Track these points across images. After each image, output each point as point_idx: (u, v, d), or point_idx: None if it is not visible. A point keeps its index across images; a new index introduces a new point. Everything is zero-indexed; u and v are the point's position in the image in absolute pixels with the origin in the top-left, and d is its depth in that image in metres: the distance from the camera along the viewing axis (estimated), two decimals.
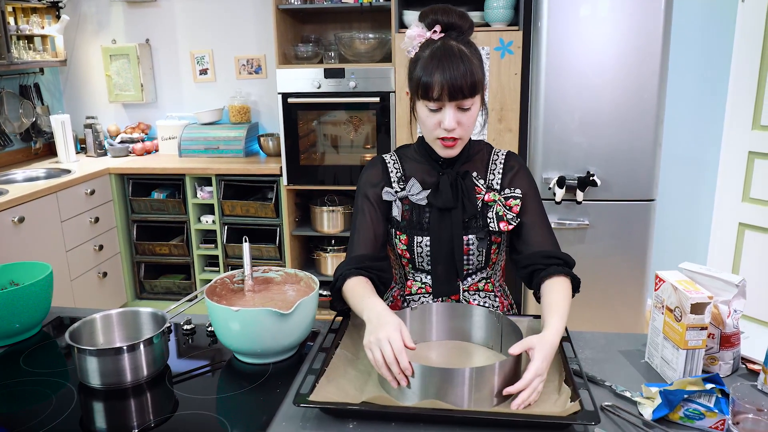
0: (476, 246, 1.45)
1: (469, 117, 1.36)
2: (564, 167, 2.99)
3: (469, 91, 1.31)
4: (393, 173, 1.51)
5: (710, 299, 1.12)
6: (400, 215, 1.48)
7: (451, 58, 1.31)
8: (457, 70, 1.30)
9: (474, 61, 1.34)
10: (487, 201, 1.46)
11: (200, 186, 3.52)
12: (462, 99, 1.32)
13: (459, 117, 1.34)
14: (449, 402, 1.07)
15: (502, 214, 1.44)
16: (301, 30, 3.64)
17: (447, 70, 1.30)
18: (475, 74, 1.31)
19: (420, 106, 1.37)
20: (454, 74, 1.29)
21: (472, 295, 1.50)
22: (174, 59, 3.91)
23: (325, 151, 3.40)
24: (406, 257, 1.50)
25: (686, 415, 1.05)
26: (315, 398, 1.07)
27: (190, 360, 1.33)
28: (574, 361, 1.20)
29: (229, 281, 1.40)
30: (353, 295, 1.32)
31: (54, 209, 3.03)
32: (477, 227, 1.45)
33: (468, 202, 1.43)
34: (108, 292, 3.47)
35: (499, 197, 1.45)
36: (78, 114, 4.01)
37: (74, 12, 3.87)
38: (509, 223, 1.43)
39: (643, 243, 3.03)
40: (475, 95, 1.33)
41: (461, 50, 1.33)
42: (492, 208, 1.45)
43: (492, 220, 1.44)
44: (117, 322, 1.31)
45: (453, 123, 1.33)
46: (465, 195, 1.43)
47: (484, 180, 1.49)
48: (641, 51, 2.82)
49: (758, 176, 3.07)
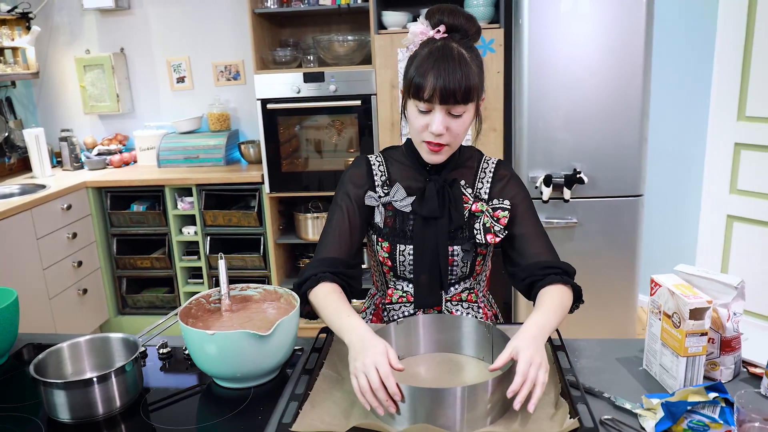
0: (461, 257, 1.39)
1: (460, 125, 1.29)
2: (550, 165, 2.94)
3: (463, 97, 1.25)
4: (378, 176, 1.45)
5: (709, 303, 1.07)
6: (383, 222, 1.42)
7: (448, 60, 1.24)
8: (453, 73, 1.23)
9: (473, 66, 1.27)
10: (474, 211, 1.40)
11: (181, 197, 3.44)
12: (453, 104, 1.25)
13: (449, 122, 1.28)
14: (441, 424, 1.01)
15: (490, 225, 1.38)
16: (279, 34, 3.57)
17: (442, 72, 1.23)
18: (470, 80, 1.25)
19: (410, 105, 1.31)
20: (448, 77, 1.23)
21: (455, 306, 1.45)
22: (150, 68, 3.83)
23: (308, 156, 3.33)
24: (388, 265, 1.44)
25: (690, 427, 1.00)
26: (298, 427, 1.01)
27: (167, 386, 1.26)
28: (570, 372, 1.14)
29: (205, 301, 1.33)
30: (327, 307, 1.25)
31: (29, 226, 2.93)
32: (463, 238, 1.39)
33: (455, 212, 1.37)
34: (89, 309, 3.38)
35: (486, 208, 1.39)
36: (53, 127, 3.91)
37: (45, 23, 3.78)
38: (496, 235, 1.37)
39: (632, 239, 2.99)
40: (468, 102, 1.27)
41: (461, 53, 1.26)
42: (479, 219, 1.39)
43: (479, 231, 1.38)
44: (86, 350, 1.24)
45: (441, 128, 1.27)
46: (452, 204, 1.37)
47: (472, 189, 1.42)
48: (624, 45, 2.78)
49: (745, 168, 3.04)
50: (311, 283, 1.30)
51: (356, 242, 1.42)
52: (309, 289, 1.30)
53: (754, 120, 2.95)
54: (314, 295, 1.29)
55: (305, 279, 1.32)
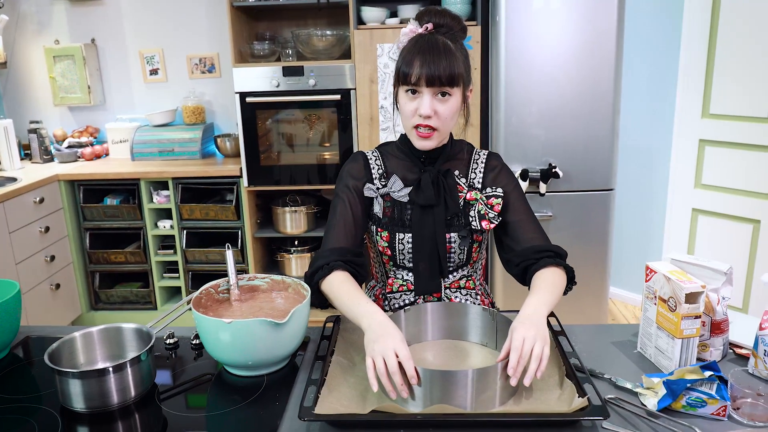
0: (458, 244, 1.46)
1: (447, 108, 1.35)
2: (525, 160, 3.02)
3: (447, 79, 1.32)
4: (375, 169, 1.50)
5: (704, 288, 1.14)
6: (382, 212, 1.47)
7: (432, 48, 1.33)
8: (437, 57, 1.32)
9: (458, 55, 1.35)
10: (468, 200, 1.46)
11: (156, 190, 3.40)
12: (439, 86, 1.32)
13: (436, 105, 1.34)
14: (454, 405, 1.05)
15: (484, 212, 1.45)
16: (255, 27, 3.56)
17: (427, 57, 1.32)
18: (455, 65, 1.33)
19: (400, 93, 1.39)
20: (433, 61, 1.31)
21: (454, 293, 1.50)
22: (122, 59, 3.77)
23: (286, 150, 3.34)
24: (388, 254, 1.49)
25: (689, 403, 1.07)
26: (319, 410, 1.04)
27: (177, 375, 1.27)
28: (572, 355, 1.20)
29: (214, 291, 1.34)
30: (342, 295, 1.28)
31: (1, 220, 2.87)
32: (459, 225, 1.45)
33: (450, 200, 1.43)
34: (61, 304, 3.32)
35: (480, 196, 1.46)
36: (21, 118, 3.81)
37: (13, 11, 3.68)
38: (491, 221, 1.44)
39: (603, 232, 3.10)
40: (453, 86, 1.33)
41: (446, 43, 1.35)
42: (474, 207, 1.45)
43: (474, 218, 1.45)
44: (98, 340, 1.24)
45: (428, 110, 1.33)
46: (447, 193, 1.43)
47: (466, 179, 1.49)
48: (597, 44, 2.87)
49: (709, 163, 3.17)
50: (324, 272, 1.33)
51: (360, 231, 1.46)
52: (321, 279, 1.33)
53: (718, 117, 3.08)
54: (328, 284, 1.32)
55: (317, 269, 1.34)
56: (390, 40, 3.04)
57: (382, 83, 3.09)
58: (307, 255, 3.44)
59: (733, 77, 2.99)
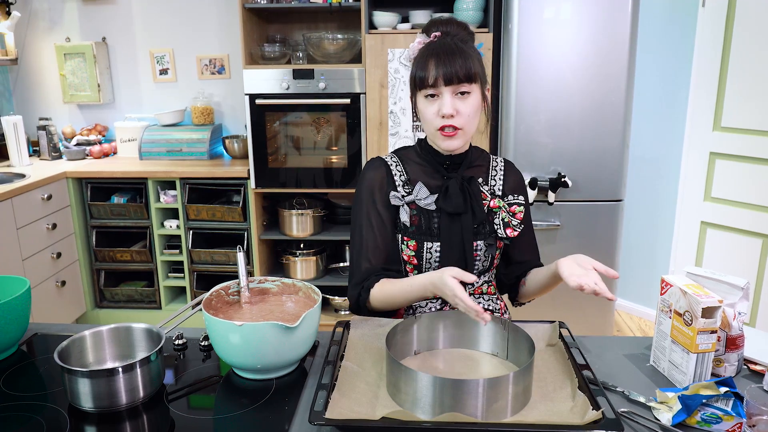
0: (483, 252, 1.45)
1: (469, 105, 1.36)
2: (533, 169, 3.01)
3: (465, 76, 1.33)
4: (397, 176, 1.48)
5: (720, 303, 1.13)
6: (409, 221, 1.45)
7: (445, 49, 1.35)
8: (452, 56, 1.34)
9: (471, 53, 1.37)
10: (492, 207, 1.47)
11: (163, 190, 3.40)
12: (458, 83, 1.33)
13: (457, 104, 1.35)
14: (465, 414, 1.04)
15: (508, 220, 1.46)
16: (266, 29, 3.56)
17: (441, 57, 1.34)
18: (470, 63, 1.34)
19: (420, 99, 1.39)
20: (448, 60, 1.33)
21: (478, 299, 1.50)
22: (132, 58, 3.77)
23: (294, 153, 3.34)
24: (413, 263, 1.47)
25: (704, 419, 1.05)
26: (330, 415, 1.03)
27: (185, 377, 1.26)
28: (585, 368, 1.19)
29: (225, 293, 1.34)
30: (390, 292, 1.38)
31: (9, 216, 2.87)
32: (485, 233, 1.45)
33: (477, 207, 1.44)
34: (67, 301, 3.32)
35: (503, 203, 1.47)
36: (30, 115, 3.82)
37: (25, 8, 3.69)
38: (514, 229, 1.46)
39: (611, 243, 3.09)
40: (472, 82, 1.34)
41: (457, 45, 1.36)
42: (497, 214, 1.46)
43: (499, 226, 1.46)
44: (108, 340, 1.23)
45: (450, 108, 1.34)
46: (473, 200, 1.43)
47: (488, 186, 1.50)
48: (609, 53, 2.87)
49: (719, 176, 3.16)
50: (365, 295, 1.40)
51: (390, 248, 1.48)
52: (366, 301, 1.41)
53: (729, 130, 3.07)
54: (374, 300, 1.40)
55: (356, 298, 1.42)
56: (401, 45, 3.04)
57: (393, 88, 3.09)
58: (313, 258, 3.43)
59: (745, 90, 2.97)
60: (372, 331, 1.36)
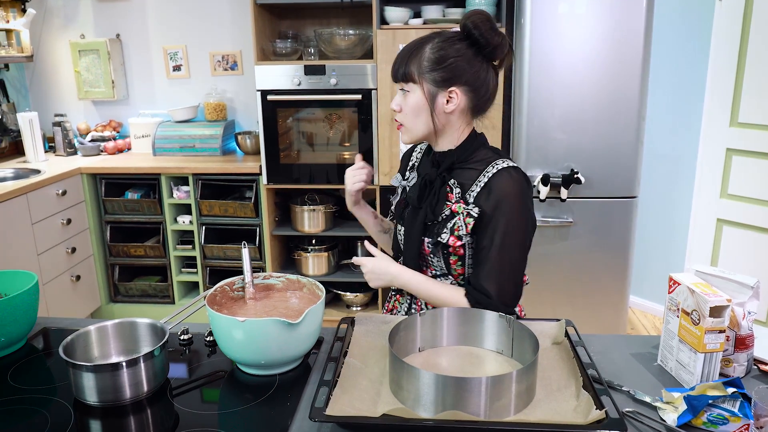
0: (431, 251, 1.45)
1: (406, 104, 1.40)
2: (546, 165, 2.99)
3: (401, 75, 1.38)
4: (413, 161, 1.60)
5: (729, 302, 1.11)
6: (396, 201, 1.57)
7: (408, 45, 1.39)
8: (404, 52, 1.38)
9: (425, 51, 1.35)
10: (453, 211, 1.40)
11: (176, 185, 3.42)
12: (396, 82, 1.41)
13: (400, 100, 1.41)
14: (467, 412, 1.03)
15: (456, 228, 1.39)
16: (278, 25, 3.56)
17: (398, 54, 1.41)
18: (410, 62, 1.36)
19: None
20: (399, 56, 1.39)
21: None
22: (146, 55, 3.80)
23: (305, 149, 3.34)
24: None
25: (710, 420, 1.04)
26: (331, 411, 1.03)
27: (190, 372, 1.27)
28: (590, 366, 1.17)
29: (229, 289, 1.34)
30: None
31: (24, 211, 2.90)
32: (433, 233, 1.43)
33: (431, 206, 1.42)
34: (81, 295, 3.36)
35: (462, 209, 1.39)
36: (46, 111, 3.86)
37: (40, 5, 3.72)
38: (459, 238, 1.38)
39: (625, 240, 3.05)
40: (408, 81, 1.37)
41: (422, 43, 1.38)
42: (453, 219, 1.40)
43: (446, 231, 1.40)
44: (112, 334, 1.24)
45: (394, 104, 1.41)
46: (432, 198, 1.42)
47: (463, 189, 1.41)
48: (624, 48, 2.83)
49: (736, 173, 3.11)
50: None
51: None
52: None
53: (746, 126, 3.02)
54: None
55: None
56: None
57: None
58: (325, 254, 3.43)
59: (763, 85, 2.92)
60: (376, 327, 1.35)
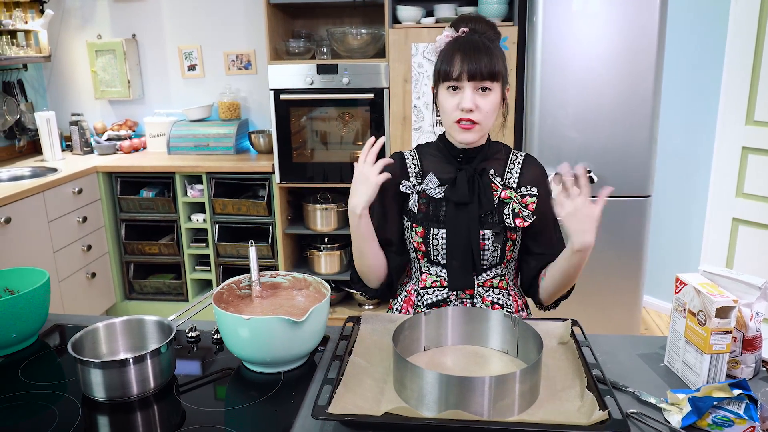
0: (491, 241, 1.47)
1: (488, 102, 1.40)
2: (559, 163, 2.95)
3: (489, 73, 1.37)
4: (411, 168, 1.55)
5: (735, 303, 1.10)
6: (417, 208, 1.51)
7: (472, 45, 1.40)
8: (478, 53, 1.38)
9: (496, 53, 1.40)
10: (503, 198, 1.48)
11: (190, 184, 3.45)
12: (481, 80, 1.37)
13: (477, 99, 1.39)
14: (470, 412, 1.03)
15: (518, 210, 1.47)
16: (292, 25, 3.58)
17: (468, 52, 1.38)
18: (495, 62, 1.38)
19: (441, 91, 1.44)
20: (474, 56, 1.37)
21: (486, 291, 1.51)
22: (161, 55, 3.83)
23: (318, 148, 3.35)
24: (422, 250, 1.52)
25: (715, 422, 1.03)
26: (334, 410, 1.04)
27: (196, 369, 1.28)
28: (595, 367, 1.17)
29: (236, 287, 1.35)
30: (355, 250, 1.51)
31: (41, 209, 2.95)
32: (493, 222, 1.47)
33: (484, 198, 1.46)
34: (97, 292, 3.40)
35: (515, 195, 1.48)
36: (63, 111, 3.92)
37: (58, 6, 3.77)
38: (525, 219, 1.47)
39: (638, 240, 3.03)
40: (494, 80, 1.38)
41: (483, 42, 1.40)
42: (508, 205, 1.47)
43: (508, 216, 1.47)
44: (121, 331, 1.26)
45: (470, 103, 1.38)
46: (481, 190, 1.46)
47: (501, 178, 1.50)
48: (637, 46, 2.81)
49: (752, 171, 3.07)
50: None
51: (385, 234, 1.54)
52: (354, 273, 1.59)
53: (762, 125, 2.98)
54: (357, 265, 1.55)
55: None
56: (425, 39, 3.02)
57: (416, 83, 3.08)
58: (337, 253, 3.45)
59: None
60: (382, 326, 1.36)
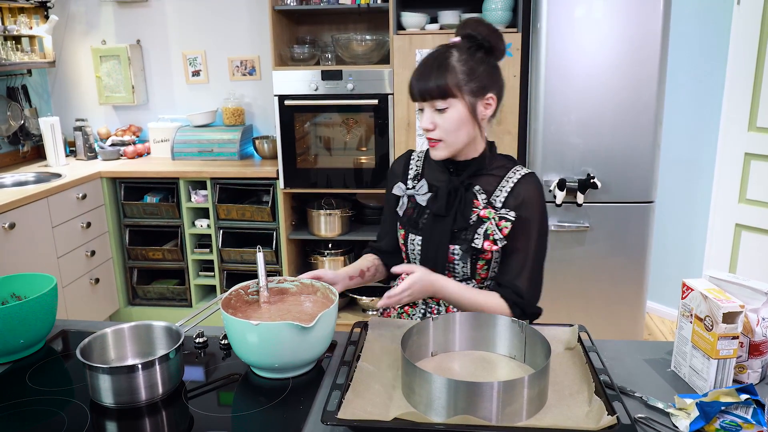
0: (459, 257, 1.46)
1: (446, 120, 1.39)
2: (562, 169, 2.98)
3: (438, 93, 1.36)
4: (412, 169, 1.57)
5: (742, 308, 1.10)
6: (403, 211, 1.55)
7: (427, 62, 1.38)
8: (428, 71, 1.36)
9: (455, 66, 1.37)
10: (482, 217, 1.44)
11: (194, 189, 3.46)
12: (431, 100, 1.37)
13: (434, 118, 1.39)
14: (478, 417, 1.04)
15: (491, 233, 1.42)
16: (296, 31, 3.59)
17: (419, 73, 1.38)
18: (444, 77, 1.35)
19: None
20: (423, 76, 1.36)
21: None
22: (166, 60, 3.85)
23: (322, 153, 3.36)
24: (404, 250, 1.57)
25: (722, 427, 1.03)
26: (343, 415, 1.04)
27: (204, 375, 1.28)
28: (602, 372, 1.17)
29: (244, 293, 1.36)
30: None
31: (45, 215, 2.95)
32: (464, 240, 1.45)
33: (460, 213, 1.44)
34: (100, 298, 3.40)
35: (493, 215, 1.42)
36: (67, 116, 3.93)
37: (63, 12, 3.79)
38: (495, 243, 1.42)
39: (642, 245, 3.03)
40: (446, 98, 1.36)
41: (445, 56, 1.38)
42: (484, 225, 1.43)
43: (479, 236, 1.43)
44: (129, 337, 1.26)
45: (427, 123, 1.39)
46: (460, 206, 1.44)
47: (488, 195, 1.46)
48: (640, 53, 2.82)
49: (754, 177, 3.08)
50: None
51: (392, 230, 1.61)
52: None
53: (765, 131, 2.99)
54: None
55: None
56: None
57: None
58: (341, 258, 3.45)
59: None
60: (390, 332, 1.36)
